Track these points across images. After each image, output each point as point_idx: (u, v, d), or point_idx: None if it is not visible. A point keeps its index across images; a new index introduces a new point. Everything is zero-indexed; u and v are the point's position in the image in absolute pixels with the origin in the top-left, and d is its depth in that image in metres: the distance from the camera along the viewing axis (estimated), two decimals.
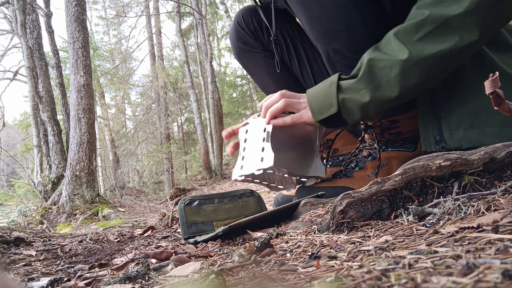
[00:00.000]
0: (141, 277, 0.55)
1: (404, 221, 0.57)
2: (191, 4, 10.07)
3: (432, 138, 0.87)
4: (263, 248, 0.57)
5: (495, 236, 0.38)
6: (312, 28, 0.94)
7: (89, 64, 5.04)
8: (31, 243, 1.10)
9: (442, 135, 0.86)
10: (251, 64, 1.31)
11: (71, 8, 4.97)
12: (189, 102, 13.02)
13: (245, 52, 1.28)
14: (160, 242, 1.01)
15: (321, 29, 0.92)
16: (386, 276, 0.33)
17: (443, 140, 0.86)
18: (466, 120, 0.84)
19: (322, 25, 0.91)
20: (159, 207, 5.64)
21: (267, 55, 1.27)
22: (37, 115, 5.94)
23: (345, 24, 0.89)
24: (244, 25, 1.25)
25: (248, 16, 1.25)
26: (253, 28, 1.24)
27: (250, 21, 1.24)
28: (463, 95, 0.84)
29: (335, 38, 0.91)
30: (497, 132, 0.79)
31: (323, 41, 0.94)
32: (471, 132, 0.83)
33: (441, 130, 0.86)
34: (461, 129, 0.84)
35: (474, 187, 0.60)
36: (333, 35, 0.91)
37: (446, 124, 0.86)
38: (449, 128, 0.85)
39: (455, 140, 0.84)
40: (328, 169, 1.26)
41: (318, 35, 0.94)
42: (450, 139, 0.85)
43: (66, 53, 9.69)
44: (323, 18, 0.91)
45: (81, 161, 4.71)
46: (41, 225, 4.32)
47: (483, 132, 0.81)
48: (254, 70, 1.33)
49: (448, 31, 0.74)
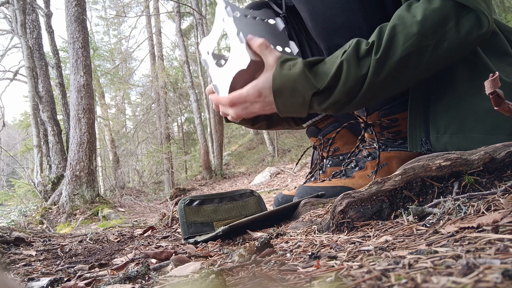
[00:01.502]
0: (141, 277, 0.55)
1: (404, 221, 0.57)
2: (191, 4, 10.07)
3: (419, 139, 0.88)
4: (263, 248, 0.57)
5: (495, 236, 0.38)
6: (315, 24, 0.94)
7: (89, 64, 5.04)
8: (31, 243, 1.10)
9: (429, 137, 0.86)
10: None
11: (71, 8, 4.97)
12: (189, 102, 13.03)
13: None
14: (160, 242, 1.01)
15: (324, 26, 0.93)
16: (386, 276, 0.33)
17: (428, 143, 0.86)
18: (453, 125, 0.84)
19: (325, 21, 0.92)
20: (159, 207, 5.64)
21: None
22: (37, 115, 5.94)
23: (347, 20, 0.90)
24: None
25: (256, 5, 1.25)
26: None
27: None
28: (453, 100, 0.85)
29: (337, 35, 0.91)
30: (482, 139, 0.79)
31: (325, 38, 0.94)
32: (456, 137, 0.83)
33: (428, 132, 0.87)
34: (447, 133, 0.84)
35: (474, 187, 0.60)
36: (336, 32, 0.92)
37: (433, 127, 0.86)
38: (436, 131, 0.85)
39: (441, 143, 0.84)
40: (328, 169, 1.26)
41: (321, 32, 0.94)
42: (436, 142, 0.85)
43: (66, 53, 9.69)
44: (326, 14, 0.91)
45: (81, 161, 4.71)
46: (41, 225, 4.33)
47: (469, 138, 0.82)
48: None
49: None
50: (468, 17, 0.76)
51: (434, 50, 0.76)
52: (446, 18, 0.76)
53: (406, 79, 0.80)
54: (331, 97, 0.80)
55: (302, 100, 0.81)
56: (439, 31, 0.76)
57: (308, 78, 0.80)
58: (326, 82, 0.79)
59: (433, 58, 0.77)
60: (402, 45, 0.75)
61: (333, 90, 0.80)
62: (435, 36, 0.76)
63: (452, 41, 0.77)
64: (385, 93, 0.83)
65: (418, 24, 0.75)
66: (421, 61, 0.77)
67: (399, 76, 0.78)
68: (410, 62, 0.77)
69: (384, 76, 0.77)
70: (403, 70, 0.78)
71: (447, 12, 0.76)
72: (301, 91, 0.80)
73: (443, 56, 0.78)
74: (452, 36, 0.76)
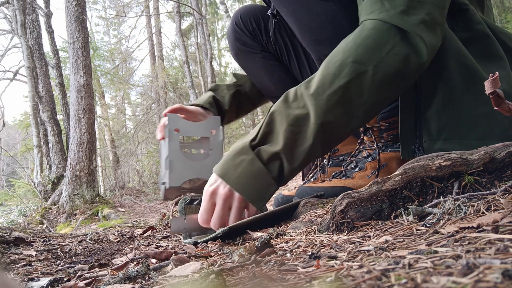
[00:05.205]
0: (141, 277, 0.55)
1: (404, 221, 0.57)
2: (191, 4, 10.06)
3: (411, 146, 0.87)
4: (263, 248, 0.57)
5: (495, 236, 0.38)
6: (303, 36, 0.94)
7: (89, 64, 5.04)
8: (31, 243, 1.10)
9: (422, 143, 0.86)
10: (249, 64, 1.30)
11: (71, 8, 4.97)
12: (189, 102, 13.02)
13: (243, 53, 1.28)
14: (160, 242, 1.01)
15: (311, 37, 0.92)
16: (386, 276, 0.33)
17: (422, 149, 0.86)
18: (446, 130, 0.83)
19: (313, 33, 0.91)
20: (159, 207, 5.64)
21: (265, 56, 1.26)
22: (37, 115, 5.94)
23: (335, 31, 0.89)
24: (242, 26, 1.25)
25: (246, 16, 1.24)
26: (251, 29, 1.24)
27: (248, 21, 1.24)
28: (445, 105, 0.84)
29: (326, 45, 0.90)
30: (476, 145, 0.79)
31: (314, 48, 0.94)
32: (449, 143, 0.83)
33: (421, 138, 0.86)
34: (440, 139, 0.84)
35: (474, 187, 0.60)
36: (324, 42, 0.91)
37: (426, 133, 0.85)
38: (428, 137, 0.85)
39: (434, 150, 0.83)
40: (328, 169, 1.26)
41: (310, 43, 0.94)
42: (429, 149, 0.84)
43: (66, 53, 9.68)
44: (313, 26, 0.90)
45: (81, 161, 4.71)
46: (41, 225, 4.32)
47: (462, 144, 0.81)
48: (252, 71, 1.32)
49: None
50: (404, 42, 0.74)
51: (374, 76, 0.74)
52: (381, 42, 0.74)
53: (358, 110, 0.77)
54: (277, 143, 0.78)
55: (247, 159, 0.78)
56: (375, 56, 0.74)
57: (240, 141, 0.82)
58: (260, 130, 0.79)
59: (376, 84, 0.75)
60: (339, 75, 0.74)
61: (272, 136, 0.79)
62: (371, 61, 0.74)
63: (394, 65, 0.74)
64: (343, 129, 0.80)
65: (352, 52, 0.74)
66: (364, 88, 0.74)
67: (348, 106, 0.76)
68: (351, 91, 0.74)
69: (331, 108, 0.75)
70: (348, 101, 0.75)
71: (382, 35, 0.74)
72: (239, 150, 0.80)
73: (388, 82, 0.75)
74: (391, 60, 0.74)
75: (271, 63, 1.26)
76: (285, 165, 0.80)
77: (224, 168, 0.80)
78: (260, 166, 0.78)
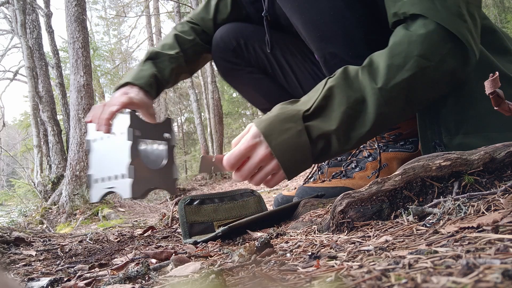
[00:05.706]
0: (141, 277, 0.55)
1: (404, 221, 0.57)
2: (191, 4, 10.06)
3: (432, 142, 0.87)
4: (263, 248, 0.57)
5: (495, 236, 0.38)
6: (308, 32, 0.93)
7: (89, 64, 5.04)
8: (31, 243, 1.10)
9: (442, 139, 0.85)
10: (238, 81, 1.32)
11: (71, 8, 4.97)
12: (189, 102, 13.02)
13: (230, 71, 1.29)
14: (160, 242, 1.01)
15: (317, 34, 0.91)
16: (386, 276, 0.33)
17: (442, 145, 0.85)
18: (465, 124, 0.83)
19: (318, 29, 0.90)
20: (159, 207, 5.64)
21: (251, 71, 1.28)
22: (37, 115, 5.94)
23: (341, 28, 0.88)
24: (224, 45, 1.25)
25: (226, 36, 1.24)
26: (232, 48, 1.24)
27: (228, 40, 1.24)
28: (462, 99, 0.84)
29: (331, 42, 0.90)
30: (496, 138, 0.78)
31: (319, 46, 0.93)
32: (469, 137, 0.82)
33: (440, 135, 0.86)
34: (459, 133, 0.83)
35: (474, 187, 0.60)
36: (330, 40, 0.90)
37: (445, 129, 0.85)
38: (448, 133, 0.84)
39: (454, 144, 0.83)
40: (328, 169, 1.26)
41: (314, 40, 0.93)
42: (449, 143, 0.84)
43: (66, 53, 9.68)
44: (319, 22, 0.89)
45: (81, 161, 4.71)
46: (41, 225, 4.32)
47: (482, 137, 0.81)
48: (242, 87, 1.35)
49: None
50: (459, 44, 0.75)
51: (435, 72, 0.75)
52: (444, 40, 0.75)
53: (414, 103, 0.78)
54: (332, 122, 0.75)
55: (295, 128, 0.75)
56: (438, 53, 0.75)
57: (290, 106, 0.78)
58: (316, 102, 0.76)
59: (435, 81, 0.76)
60: (403, 67, 0.74)
61: (327, 112, 0.76)
62: (434, 57, 0.75)
63: (453, 64, 0.76)
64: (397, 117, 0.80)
65: (417, 45, 0.74)
66: (424, 83, 0.76)
67: (407, 99, 0.76)
68: (413, 85, 0.75)
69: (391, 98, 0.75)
70: (408, 94, 0.76)
71: (445, 33, 0.74)
72: (289, 117, 0.76)
73: (445, 80, 0.77)
74: (452, 59, 0.75)
75: (257, 76, 1.28)
76: (333, 146, 0.77)
77: (270, 129, 0.76)
78: (306, 141, 0.75)
